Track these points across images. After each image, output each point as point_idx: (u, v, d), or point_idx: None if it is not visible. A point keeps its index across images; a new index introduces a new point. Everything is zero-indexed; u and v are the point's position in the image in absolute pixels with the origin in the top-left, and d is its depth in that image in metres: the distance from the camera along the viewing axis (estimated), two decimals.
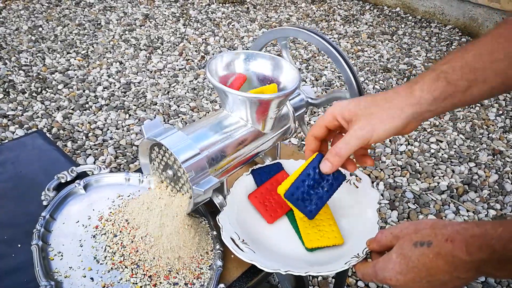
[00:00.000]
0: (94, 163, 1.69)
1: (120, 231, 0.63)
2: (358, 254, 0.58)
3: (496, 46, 0.51)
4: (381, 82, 2.28)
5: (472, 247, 0.44)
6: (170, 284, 0.58)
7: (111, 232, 0.63)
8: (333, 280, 1.35)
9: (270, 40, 0.77)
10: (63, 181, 0.71)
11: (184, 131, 0.61)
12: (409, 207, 1.62)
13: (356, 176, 0.71)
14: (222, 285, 0.58)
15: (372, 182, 0.97)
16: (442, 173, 1.77)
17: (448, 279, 0.47)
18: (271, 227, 0.65)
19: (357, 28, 2.82)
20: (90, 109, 1.96)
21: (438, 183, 1.72)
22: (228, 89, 0.61)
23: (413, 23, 2.91)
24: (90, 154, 1.72)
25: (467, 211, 1.60)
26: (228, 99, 0.63)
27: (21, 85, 2.06)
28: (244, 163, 0.67)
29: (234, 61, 0.66)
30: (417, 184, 1.71)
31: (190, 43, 2.53)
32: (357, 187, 0.70)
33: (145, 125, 0.59)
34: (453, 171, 1.77)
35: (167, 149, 0.59)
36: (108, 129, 1.86)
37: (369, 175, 1.73)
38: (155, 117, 1.94)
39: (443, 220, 0.51)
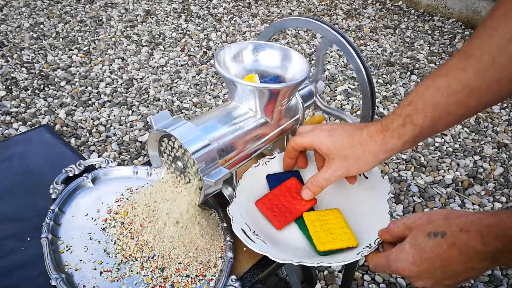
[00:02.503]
0: None
1: (130, 224, 0.63)
2: (370, 244, 0.58)
3: (452, 79, 0.53)
4: (384, 76, 2.27)
5: (487, 237, 0.44)
6: (181, 276, 0.57)
7: (121, 225, 0.63)
8: (339, 274, 1.35)
9: (278, 31, 0.77)
10: (71, 174, 0.71)
11: (193, 122, 0.60)
12: (414, 201, 1.61)
13: None
14: (233, 276, 0.58)
15: None
16: (447, 166, 1.76)
17: (462, 270, 0.47)
18: None
19: (360, 22, 2.81)
20: (93, 105, 1.96)
21: (443, 176, 1.71)
22: (237, 79, 0.60)
23: (415, 17, 2.89)
24: (93, 151, 1.72)
25: (473, 204, 1.60)
26: (237, 90, 0.63)
27: (24, 82, 2.06)
28: (252, 154, 0.66)
29: (242, 52, 0.66)
30: (422, 178, 1.71)
31: (192, 38, 2.52)
32: (367, 178, 0.69)
33: (154, 117, 0.59)
34: (458, 165, 1.77)
35: (177, 140, 0.59)
36: (111, 126, 1.86)
37: None
38: (157, 113, 1.93)
39: (456, 210, 0.50)
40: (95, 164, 0.73)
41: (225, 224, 0.64)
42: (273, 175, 0.69)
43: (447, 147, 1.85)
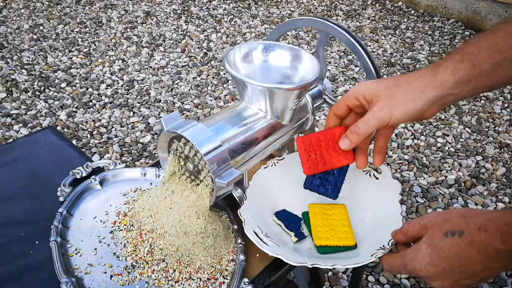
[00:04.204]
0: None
1: (139, 227, 0.62)
2: (383, 246, 0.57)
3: None
4: (385, 76, 2.27)
5: (507, 235, 0.43)
6: (193, 279, 0.57)
7: (130, 228, 0.62)
8: (344, 275, 1.34)
9: (287, 31, 0.76)
10: (78, 176, 0.70)
11: (204, 123, 0.59)
12: (417, 201, 1.61)
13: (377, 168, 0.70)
14: (246, 279, 0.57)
15: None
16: (449, 166, 1.76)
17: (481, 269, 0.46)
18: None
19: (360, 23, 2.80)
20: (94, 107, 1.95)
21: (446, 176, 1.71)
22: (248, 80, 0.60)
23: (415, 17, 2.89)
24: (95, 152, 1.71)
25: (476, 204, 1.60)
26: (247, 90, 0.62)
27: (24, 84, 2.05)
28: (263, 155, 0.65)
29: (252, 52, 0.65)
30: (424, 178, 1.70)
31: (192, 40, 2.52)
32: (377, 179, 0.69)
33: (164, 118, 0.58)
34: (460, 165, 1.77)
35: (187, 142, 0.58)
36: (112, 127, 1.85)
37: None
38: (159, 114, 1.93)
39: (473, 209, 0.50)
40: (103, 166, 0.72)
41: (235, 226, 0.64)
42: None
43: (449, 148, 1.85)
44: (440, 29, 2.76)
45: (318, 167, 0.59)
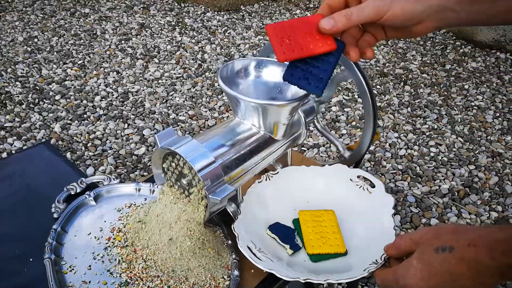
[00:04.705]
0: (94, 173, 1.68)
1: (133, 243, 0.62)
2: (376, 260, 0.57)
3: None
4: (378, 86, 2.29)
5: (496, 252, 0.44)
6: None
7: (124, 244, 0.62)
8: (338, 286, 1.34)
9: None
10: (72, 192, 0.70)
11: (197, 139, 0.60)
12: (411, 211, 1.62)
13: (370, 181, 0.71)
14: None
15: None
16: (442, 176, 1.77)
17: (471, 285, 0.46)
18: None
19: None
20: (88, 119, 1.95)
21: (439, 186, 1.72)
22: (241, 96, 0.60)
23: None
24: (89, 165, 1.71)
25: (469, 213, 1.61)
26: (240, 106, 0.63)
27: (18, 96, 2.05)
28: (256, 170, 0.66)
29: (245, 68, 0.66)
30: (418, 188, 1.71)
31: (186, 51, 2.53)
32: (370, 193, 0.69)
33: (158, 134, 0.59)
34: (453, 174, 1.78)
35: (181, 158, 0.59)
36: (107, 139, 1.85)
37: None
38: (154, 126, 1.93)
39: (464, 225, 0.50)
40: (97, 182, 0.72)
41: (230, 242, 0.64)
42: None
43: (442, 157, 1.86)
44: (431, 39, 2.79)
45: (294, 52, 0.51)
